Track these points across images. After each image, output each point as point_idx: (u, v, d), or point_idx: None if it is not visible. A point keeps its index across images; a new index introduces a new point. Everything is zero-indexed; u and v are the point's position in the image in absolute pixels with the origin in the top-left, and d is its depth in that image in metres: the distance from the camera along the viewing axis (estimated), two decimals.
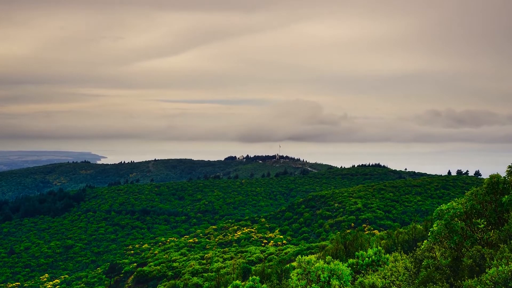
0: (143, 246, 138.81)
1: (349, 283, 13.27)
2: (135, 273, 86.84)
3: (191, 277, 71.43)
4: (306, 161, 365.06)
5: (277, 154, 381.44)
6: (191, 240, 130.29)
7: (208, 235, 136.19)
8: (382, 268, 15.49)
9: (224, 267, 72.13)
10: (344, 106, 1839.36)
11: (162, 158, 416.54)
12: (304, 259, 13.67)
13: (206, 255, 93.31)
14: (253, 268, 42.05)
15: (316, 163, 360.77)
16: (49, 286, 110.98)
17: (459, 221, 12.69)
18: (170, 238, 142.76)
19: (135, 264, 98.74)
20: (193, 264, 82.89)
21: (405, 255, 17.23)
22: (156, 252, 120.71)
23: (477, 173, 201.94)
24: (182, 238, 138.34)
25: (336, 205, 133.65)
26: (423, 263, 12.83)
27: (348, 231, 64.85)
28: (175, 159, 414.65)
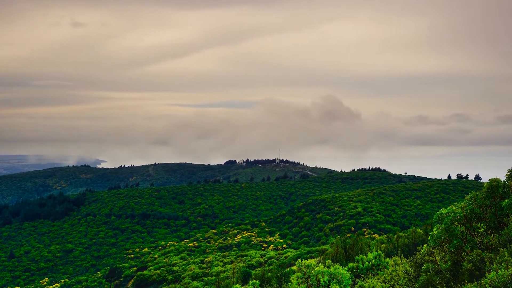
0: (143, 250, 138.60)
1: (349, 287, 13.29)
2: (135, 277, 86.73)
3: (191, 281, 71.37)
4: (306, 165, 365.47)
5: (277, 158, 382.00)
6: (191, 244, 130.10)
7: (208, 239, 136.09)
8: (382, 272, 15.51)
9: (224, 271, 72.05)
10: (356, 107, 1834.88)
11: (162, 162, 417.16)
12: (304, 263, 13.68)
13: (206, 259, 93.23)
14: (253, 272, 42.08)
15: (316, 167, 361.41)
16: None
17: (459, 225, 12.71)
18: (170, 242, 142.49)
19: (135, 268, 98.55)
20: (193, 268, 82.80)
21: (405, 259, 17.27)
22: (156, 256, 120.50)
23: (477, 177, 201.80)
24: (182, 242, 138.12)
25: (336, 209, 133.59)
26: (423, 267, 12.86)
27: (348, 235, 64.79)
28: (175, 163, 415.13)
